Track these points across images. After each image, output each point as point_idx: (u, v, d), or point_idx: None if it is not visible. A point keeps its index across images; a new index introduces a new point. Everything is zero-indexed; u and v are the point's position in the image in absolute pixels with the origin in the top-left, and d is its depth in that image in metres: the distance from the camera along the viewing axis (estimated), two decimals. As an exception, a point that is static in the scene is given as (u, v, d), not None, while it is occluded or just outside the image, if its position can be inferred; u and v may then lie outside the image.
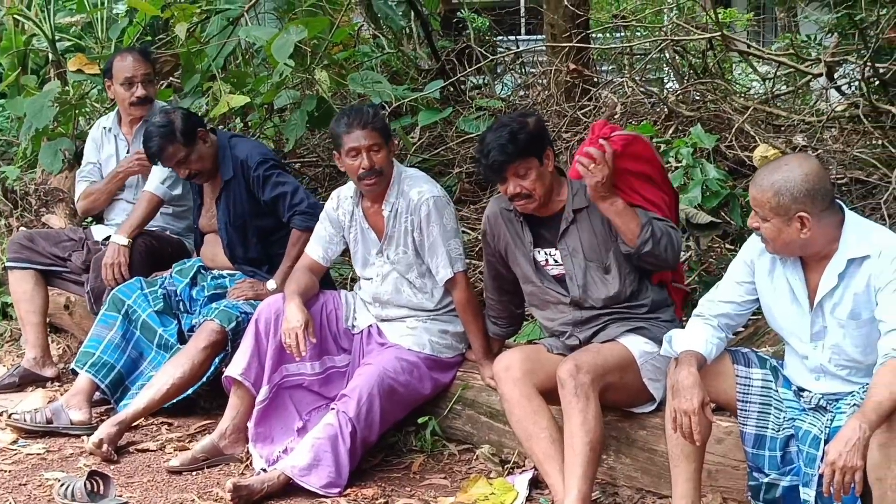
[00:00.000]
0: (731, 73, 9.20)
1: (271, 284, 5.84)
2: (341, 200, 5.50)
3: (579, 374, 4.46)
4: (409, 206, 5.28)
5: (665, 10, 8.80)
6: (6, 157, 9.76)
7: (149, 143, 5.87)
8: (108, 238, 6.50)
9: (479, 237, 5.24)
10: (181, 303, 6.08)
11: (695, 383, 4.02)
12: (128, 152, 6.64)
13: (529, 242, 4.95)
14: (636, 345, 4.71)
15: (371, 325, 5.49)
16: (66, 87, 7.75)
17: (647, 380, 4.73)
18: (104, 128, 6.80)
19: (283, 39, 6.72)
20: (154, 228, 6.51)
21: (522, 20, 13.24)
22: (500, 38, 10.90)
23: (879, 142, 6.54)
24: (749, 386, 4.24)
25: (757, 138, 6.39)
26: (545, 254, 4.95)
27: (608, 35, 9.63)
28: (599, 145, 4.64)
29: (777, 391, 4.24)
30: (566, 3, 7.46)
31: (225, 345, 5.70)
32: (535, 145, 4.73)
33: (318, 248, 5.54)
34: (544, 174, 4.76)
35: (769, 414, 4.21)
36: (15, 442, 5.67)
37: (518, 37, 11.09)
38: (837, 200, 4.07)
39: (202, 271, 6.18)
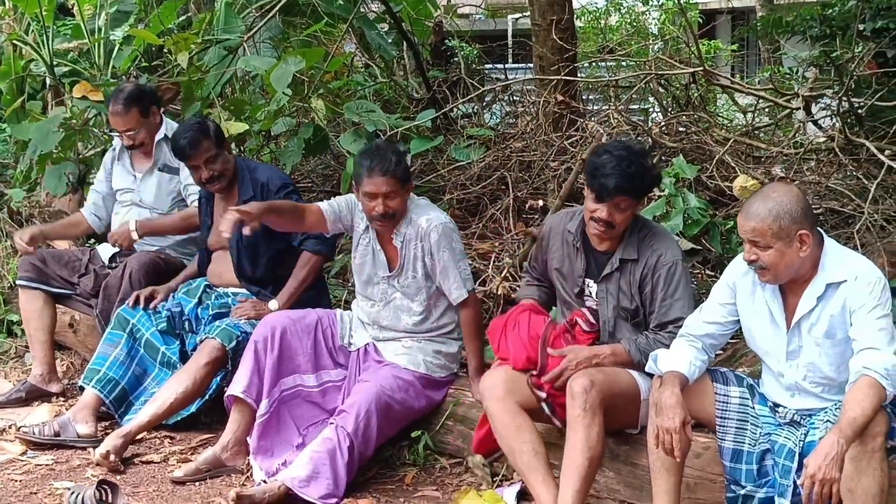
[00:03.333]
0: (714, 105, 9.42)
1: (273, 304, 6.02)
2: (360, 210, 5.59)
3: (592, 391, 4.61)
4: (418, 232, 5.47)
5: (651, 44, 8.98)
6: (2, 178, 9.92)
7: (183, 135, 6.05)
8: (113, 257, 6.73)
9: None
10: (187, 322, 6.24)
11: (677, 403, 4.25)
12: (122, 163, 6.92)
13: (582, 269, 5.09)
14: (646, 381, 4.84)
15: (368, 344, 5.68)
16: (71, 113, 7.93)
17: (642, 414, 4.87)
18: (113, 148, 7.04)
19: (281, 70, 6.93)
20: (154, 248, 6.73)
21: (510, 50, 13.44)
22: (489, 66, 11.13)
23: (855, 174, 6.75)
24: (727, 403, 4.49)
25: (737, 169, 6.59)
26: (588, 284, 5.10)
27: (596, 66, 9.83)
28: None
29: (753, 408, 4.48)
30: (554, 36, 7.67)
31: (225, 363, 5.88)
32: (647, 190, 4.92)
33: (329, 208, 5.61)
34: (631, 216, 4.90)
35: (746, 430, 4.45)
36: (24, 453, 5.85)
37: (506, 65, 11.25)
38: (819, 230, 4.33)
39: (207, 290, 6.35)
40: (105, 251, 6.90)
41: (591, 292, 5.09)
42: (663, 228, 5.22)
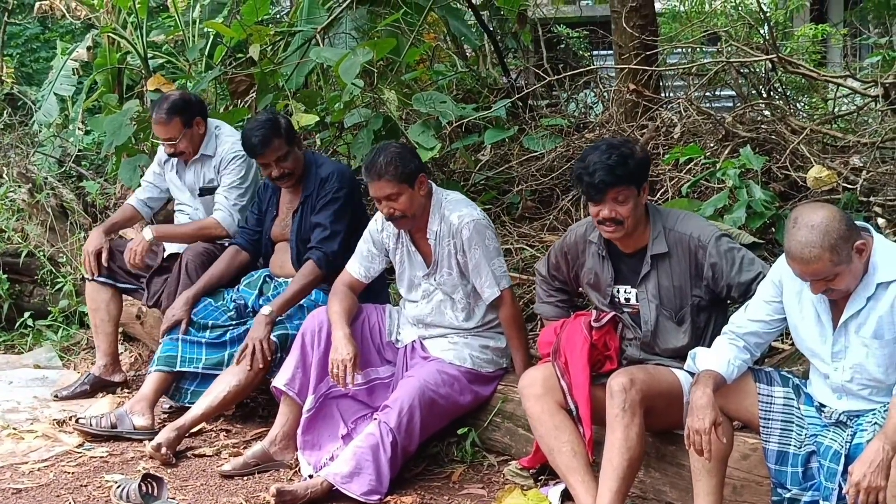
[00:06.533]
0: (813, 94, 9.06)
1: (266, 310, 5.96)
2: (386, 223, 5.60)
3: (631, 390, 4.51)
4: (450, 230, 5.41)
5: (733, 27, 8.66)
6: (101, 170, 10.09)
7: (255, 133, 6.04)
8: (172, 255, 6.77)
9: (556, 251, 5.24)
10: (251, 313, 6.23)
11: (708, 404, 4.14)
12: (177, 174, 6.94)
13: (610, 278, 4.97)
14: (688, 379, 4.68)
15: (415, 341, 5.64)
16: (145, 106, 8.01)
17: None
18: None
19: (350, 61, 6.89)
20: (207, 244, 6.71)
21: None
22: (581, 54, 10.94)
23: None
24: (771, 404, 4.35)
25: (812, 160, 6.38)
26: (624, 291, 4.99)
27: (699, 52, 9.47)
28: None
29: (799, 408, 4.34)
30: (626, 26, 7.53)
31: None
32: (640, 175, 4.73)
33: (358, 266, 5.70)
34: (639, 206, 4.76)
35: (791, 431, 4.32)
36: (81, 445, 5.96)
37: (592, 52, 11.04)
38: (864, 224, 4.16)
39: (267, 280, 6.36)
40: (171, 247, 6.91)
41: (626, 299, 4.97)
42: (679, 211, 5.07)
